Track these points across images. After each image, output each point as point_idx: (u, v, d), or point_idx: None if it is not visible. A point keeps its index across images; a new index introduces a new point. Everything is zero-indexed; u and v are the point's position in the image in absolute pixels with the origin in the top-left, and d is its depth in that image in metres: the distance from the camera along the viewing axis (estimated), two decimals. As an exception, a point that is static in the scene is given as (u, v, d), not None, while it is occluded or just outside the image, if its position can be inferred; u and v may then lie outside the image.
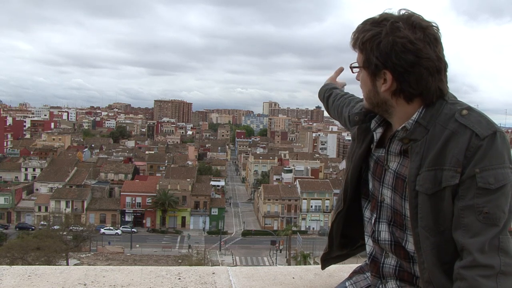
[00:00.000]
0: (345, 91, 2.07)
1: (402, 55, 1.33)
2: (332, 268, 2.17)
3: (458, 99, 1.41)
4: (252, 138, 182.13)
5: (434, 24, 1.37)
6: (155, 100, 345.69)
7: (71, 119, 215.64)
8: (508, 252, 1.29)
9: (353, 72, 1.53)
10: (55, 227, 48.35)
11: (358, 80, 1.51)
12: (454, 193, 1.34)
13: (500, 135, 1.30)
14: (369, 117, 1.57)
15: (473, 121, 1.32)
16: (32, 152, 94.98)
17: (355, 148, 1.62)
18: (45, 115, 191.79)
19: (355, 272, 1.79)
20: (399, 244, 1.51)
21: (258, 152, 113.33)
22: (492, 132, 1.30)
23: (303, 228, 67.74)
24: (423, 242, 1.39)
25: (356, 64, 1.48)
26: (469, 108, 1.36)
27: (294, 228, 56.15)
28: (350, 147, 1.68)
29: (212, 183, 76.72)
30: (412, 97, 1.40)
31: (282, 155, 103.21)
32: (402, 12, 1.38)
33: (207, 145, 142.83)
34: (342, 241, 1.77)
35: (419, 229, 1.39)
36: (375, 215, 1.58)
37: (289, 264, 45.05)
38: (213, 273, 2.46)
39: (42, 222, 56.33)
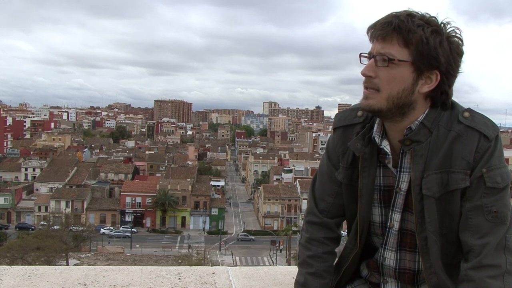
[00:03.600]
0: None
1: (458, 58, 1.31)
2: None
3: (459, 99, 1.39)
4: (252, 138, 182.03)
5: None
6: (155, 100, 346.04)
7: (71, 119, 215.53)
8: None
9: (377, 65, 1.30)
10: (55, 227, 48.32)
11: (371, 75, 1.31)
12: (461, 194, 1.33)
13: (500, 136, 1.33)
14: (368, 138, 1.44)
15: (479, 123, 1.31)
16: (32, 152, 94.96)
17: (361, 180, 1.47)
18: (45, 115, 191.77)
19: (356, 276, 1.74)
20: (404, 271, 1.49)
21: (258, 152, 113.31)
22: (497, 134, 1.31)
23: (303, 228, 67.70)
24: (431, 246, 1.37)
25: (401, 58, 1.28)
26: (470, 110, 1.35)
27: (294, 228, 56.08)
28: (346, 186, 1.52)
29: (212, 183, 76.70)
30: (439, 100, 1.35)
31: (282, 155, 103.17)
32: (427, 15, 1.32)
33: (207, 145, 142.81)
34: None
35: (428, 233, 1.37)
36: (381, 242, 1.54)
37: (289, 264, 45.05)
38: (213, 273, 2.46)
39: (42, 222, 56.24)
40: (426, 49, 1.26)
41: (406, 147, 1.37)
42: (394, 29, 1.27)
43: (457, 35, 1.30)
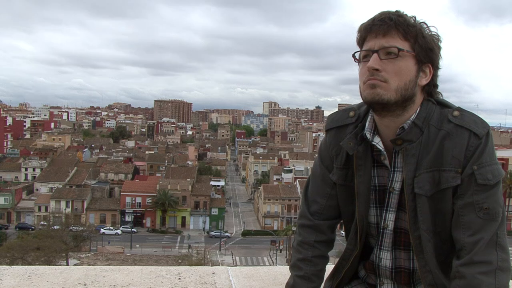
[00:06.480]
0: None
1: (439, 51, 1.38)
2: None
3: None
4: (252, 138, 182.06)
5: None
6: (155, 100, 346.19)
7: (71, 119, 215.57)
8: (505, 248, 1.32)
9: (381, 58, 1.32)
10: (55, 227, 48.28)
11: (378, 67, 1.31)
12: (453, 192, 1.35)
13: (491, 133, 1.34)
14: (360, 137, 1.46)
15: (469, 121, 1.33)
16: (32, 152, 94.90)
17: (357, 179, 1.47)
18: (45, 115, 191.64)
19: (353, 277, 1.73)
20: (400, 270, 1.50)
21: (258, 152, 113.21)
22: (487, 131, 1.33)
23: (303, 228, 67.58)
24: (425, 245, 1.38)
25: (408, 49, 1.32)
26: (460, 109, 1.37)
27: (294, 228, 56.06)
28: (341, 187, 1.53)
29: (212, 183, 76.62)
30: (433, 92, 1.40)
31: (282, 155, 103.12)
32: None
33: (207, 145, 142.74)
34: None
35: (421, 232, 1.38)
36: (375, 242, 1.54)
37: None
38: (213, 273, 2.46)
39: (42, 222, 56.16)
40: (424, 43, 1.33)
41: (397, 146, 1.38)
42: (395, 23, 1.31)
43: (436, 32, 1.38)
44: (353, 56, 1.39)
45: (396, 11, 1.34)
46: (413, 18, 1.35)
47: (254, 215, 77.38)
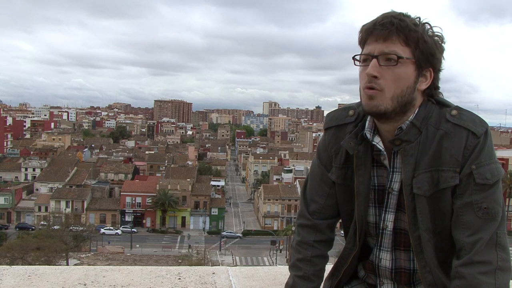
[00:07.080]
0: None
1: (441, 54, 1.36)
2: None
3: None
4: (252, 138, 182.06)
5: None
6: (155, 100, 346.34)
7: (71, 119, 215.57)
8: (505, 247, 1.31)
9: (380, 65, 1.30)
10: (55, 227, 48.28)
11: (377, 75, 1.30)
12: (452, 192, 1.34)
13: (489, 132, 1.33)
14: (361, 136, 1.44)
15: (467, 120, 1.32)
16: (32, 152, 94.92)
17: (357, 178, 1.46)
18: (45, 115, 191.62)
19: (353, 277, 1.72)
20: (400, 270, 1.49)
21: (258, 152, 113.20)
22: (486, 130, 1.31)
23: (303, 228, 67.50)
24: (425, 245, 1.38)
25: (408, 56, 1.30)
26: (458, 108, 1.36)
27: (294, 228, 55.97)
28: (340, 186, 1.52)
29: (212, 183, 76.61)
30: (434, 94, 1.39)
31: (282, 155, 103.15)
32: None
33: (207, 145, 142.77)
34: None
35: (421, 232, 1.38)
36: (375, 242, 1.53)
37: (289, 264, 44.77)
38: (213, 273, 2.46)
39: (42, 222, 56.21)
40: (425, 48, 1.30)
41: (396, 147, 1.38)
42: (396, 28, 1.28)
43: (440, 33, 1.35)
44: (353, 58, 1.37)
45: (399, 13, 1.31)
46: (417, 19, 1.32)
47: (254, 215, 77.38)
